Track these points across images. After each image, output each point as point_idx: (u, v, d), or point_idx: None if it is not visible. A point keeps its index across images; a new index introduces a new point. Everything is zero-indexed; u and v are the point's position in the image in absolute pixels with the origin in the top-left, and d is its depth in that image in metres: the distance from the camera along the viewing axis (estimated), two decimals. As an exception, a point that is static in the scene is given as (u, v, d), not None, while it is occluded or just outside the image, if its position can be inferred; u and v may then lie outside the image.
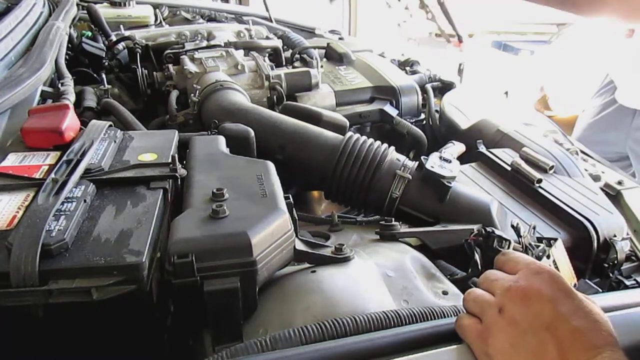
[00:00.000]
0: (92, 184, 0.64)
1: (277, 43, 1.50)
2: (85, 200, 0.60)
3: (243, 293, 0.55)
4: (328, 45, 1.58)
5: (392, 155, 0.91)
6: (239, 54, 1.32)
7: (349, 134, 0.94)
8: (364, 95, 1.32)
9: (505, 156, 1.02)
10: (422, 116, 1.33)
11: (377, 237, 0.80)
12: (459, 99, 1.33)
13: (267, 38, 1.60)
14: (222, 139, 0.82)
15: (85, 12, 1.64)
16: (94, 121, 0.80)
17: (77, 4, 1.70)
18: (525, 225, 0.79)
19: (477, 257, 0.73)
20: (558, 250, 0.77)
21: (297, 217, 0.69)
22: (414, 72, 1.52)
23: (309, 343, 0.50)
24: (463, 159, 0.99)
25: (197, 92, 1.13)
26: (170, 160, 0.71)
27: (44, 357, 0.57)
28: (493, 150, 1.05)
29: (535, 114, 1.43)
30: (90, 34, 1.63)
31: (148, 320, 0.57)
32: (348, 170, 0.89)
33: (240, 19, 1.95)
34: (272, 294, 0.61)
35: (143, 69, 1.30)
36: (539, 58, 3.83)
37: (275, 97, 1.23)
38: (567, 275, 0.77)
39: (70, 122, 0.76)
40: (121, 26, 1.64)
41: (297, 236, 0.65)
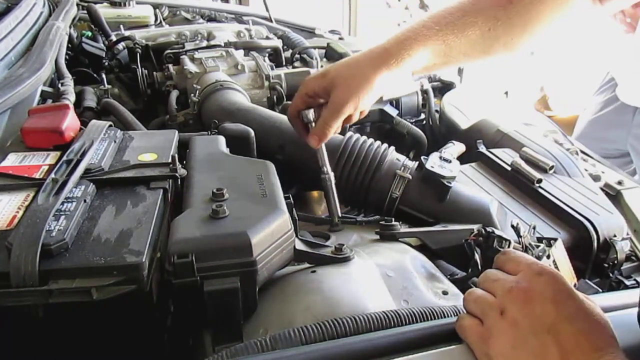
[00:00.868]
0: (92, 184, 0.64)
1: (277, 43, 1.50)
2: (85, 200, 0.60)
3: (243, 293, 0.55)
4: (328, 45, 1.58)
5: (392, 155, 0.91)
6: (239, 54, 1.32)
7: (349, 134, 0.94)
8: (364, 95, 1.32)
9: (505, 156, 1.02)
10: (422, 116, 1.33)
11: (377, 237, 0.79)
12: (459, 99, 1.33)
13: (267, 38, 1.60)
14: (222, 139, 0.82)
15: (85, 12, 1.64)
16: (94, 121, 0.80)
17: (77, 4, 1.70)
18: (525, 225, 0.79)
19: (477, 257, 0.73)
20: (558, 250, 0.77)
21: (297, 217, 0.69)
22: (414, 72, 1.51)
23: (309, 343, 0.49)
24: (463, 159, 0.99)
25: (197, 92, 1.13)
26: (170, 160, 0.71)
27: (44, 357, 0.57)
28: (493, 150, 1.05)
29: (535, 114, 1.43)
30: (90, 34, 1.63)
31: (148, 320, 0.57)
32: (348, 170, 0.89)
33: (240, 19, 1.94)
34: (272, 294, 0.61)
35: (143, 69, 1.30)
36: (539, 58, 3.83)
37: (275, 97, 1.23)
38: (567, 275, 0.77)
39: (70, 122, 0.76)
40: (121, 26, 1.64)
41: (297, 236, 0.65)
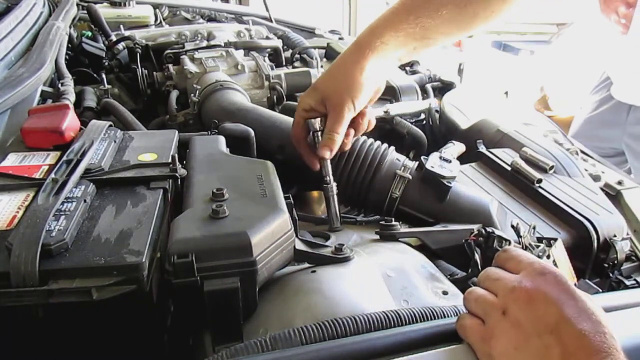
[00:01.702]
0: (92, 184, 0.64)
1: (277, 43, 1.50)
2: (85, 200, 0.60)
3: (243, 293, 0.55)
4: (328, 45, 1.58)
5: (392, 155, 0.91)
6: (239, 54, 1.32)
7: (349, 134, 0.94)
8: (364, 96, 1.32)
9: (505, 156, 1.02)
10: (422, 116, 1.33)
11: (377, 237, 0.79)
12: (459, 99, 1.33)
13: (267, 38, 1.60)
14: (222, 139, 0.82)
15: (85, 12, 1.64)
16: (94, 121, 0.80)
17: (77, 4, 1.70)
18: (525, 225, 0.79)
19: (477, 257, 0.73)
20: (558, 250, 0.77)
21: (297, 217, 0.69)
22: (414, 72, 1.51)
23: (309, 343, 0.49)
24: (463, 159, 0.99)
25: (197, 92, 1.13)
26: (170, 160, 0.71)
27: (44, 357, 0.57)
28: (493, 150, 1.05)
29: (535, 114, 1.43)
30: (90, 34, 1.63)
31: (148, 320, 0.57)
32: (348, 170, 0.89)
33: (240, 19, 1.95)
34: (272, 294, 0.61)
35: (143, 69, 1.30)
36: (539, 58, 3.83)
37: (275, 97, 1.23)
38: (567, 275, 0.77)
39: (70, 122, 0.76)
40: (121, 26, 1.65)
41: (297, 236, 0.65)
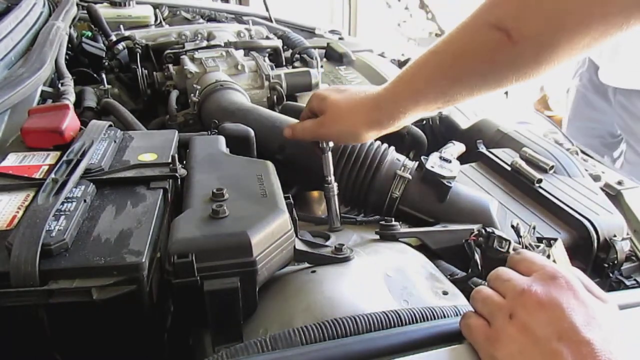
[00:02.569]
0: (92, 184, 0.64)
1: (277, 43, 1.50)
2: (85, 200, 0.60)
3: (243, 293, 0.55)
4: (328, 45, 1.58)
5: (392, 155, 0.91)
6: (239, 54, 1.32)
7: (349, 134, 0.93)
8: (364, 96, 1.32)
9: (505, 156, 1.02)
10: (422, 116, 1.33)
11: (377, 237, 0.79)
12: (459, 99, 1.32)
13: (267, 38, 1.60)
14: (222, 139, 0.82)
15: (85, 12, 1.64)
16: (94, 121, 0.80)
17: (77, 4, 1.70)
18: (525, 225, 0.79)
19: (477, 257, 0.73)
20: (558, 250, 0.77)
21: (297, 217, 0.69)
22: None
23: (309, 343, 0.49)
24: (463, 159, 0.99)
25: (197, 92, 1.13)
26: (170, 160, 0.71)
27: (44, 357, 0.57)
28: (493, 150, 1.05)
29: (535, 114, 1.43)
30: (90, 34, 1.63)
31: (148, 320, 0.57)
32: (348, 170, 0.89)
33: (240, 19, 1.94)
34: (272, 294, 0.61)
35: (143, 69, 1.30)
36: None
37: (275, 97, 1.23)
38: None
39: (70, 122, 0.76)
40: (121, 26, 1.64)
41: (297, 236, 0.65)
